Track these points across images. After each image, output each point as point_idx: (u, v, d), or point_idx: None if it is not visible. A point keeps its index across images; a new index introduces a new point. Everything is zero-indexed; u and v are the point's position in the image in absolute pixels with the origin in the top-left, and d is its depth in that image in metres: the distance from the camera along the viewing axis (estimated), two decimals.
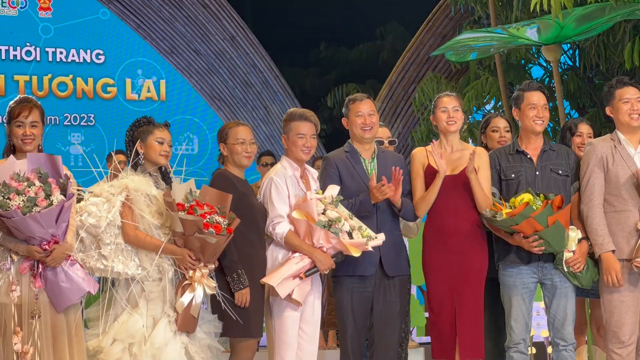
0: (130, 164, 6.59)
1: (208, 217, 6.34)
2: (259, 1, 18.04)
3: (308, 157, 6.99)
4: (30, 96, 6.73)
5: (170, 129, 7.09)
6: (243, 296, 6.55)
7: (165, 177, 6.64)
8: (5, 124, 6.47)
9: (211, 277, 6.47)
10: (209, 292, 6.36)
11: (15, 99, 6.54)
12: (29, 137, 6.27)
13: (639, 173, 6.85)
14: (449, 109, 7.12)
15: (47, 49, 16.71)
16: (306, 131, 6.90)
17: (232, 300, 6.55)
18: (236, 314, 6.52)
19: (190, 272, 6.28)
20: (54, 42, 16.81)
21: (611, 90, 7.12)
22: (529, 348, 7.61)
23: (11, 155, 6.21)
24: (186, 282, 6.29)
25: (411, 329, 9.12)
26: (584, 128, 7.79)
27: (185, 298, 6.24)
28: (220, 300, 6.50)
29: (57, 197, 5.98)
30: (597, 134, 7.67)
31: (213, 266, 6.44)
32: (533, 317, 7.52)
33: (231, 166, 6.93)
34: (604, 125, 7.18)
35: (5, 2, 16.45)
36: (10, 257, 6.07)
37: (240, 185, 6.84)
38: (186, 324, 6.26)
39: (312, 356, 6.93)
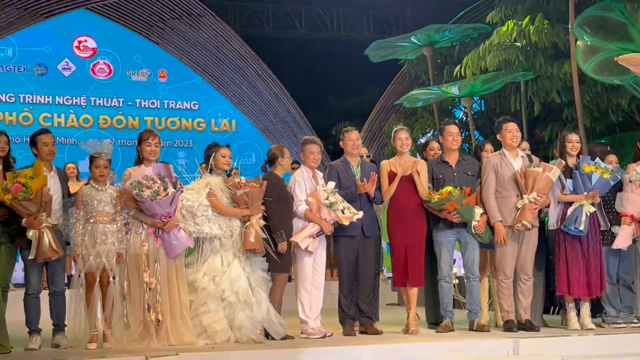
0: (208, 170, 6.82)
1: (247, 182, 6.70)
2: (290, 72, 18.17)
3: (316, 166, 7.13)
4: (152, 129, 7.04)
5: (237, 149, 7.48)
6: (283, 246, 6.73)
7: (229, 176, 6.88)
8: (137, 145, 6.69)
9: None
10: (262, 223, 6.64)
11: (144, 130, 6.82)
12: (154, 152, 6.55)
13: (517, 173, 7.10)
14: (402, 139, 7.30)
15: (164, 101, 16.90)
16: (314, 150, 7.11)
17: (274, 249, 6.74)
18: (277, 257, 6.76)
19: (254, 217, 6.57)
20: (168, 96, 17.01)
21: (499, 124, 7.37)
22: (454, 279, 7.84)
23: (142, 164, 6.54)
24: (247, 224, 6.59)
25: (382, 269, 9.30)
26: (489, 147, 7.83)
27: (254, 234, 6.54)
28: (269, 250, 6.71)
29: (170, 190, 6.25)
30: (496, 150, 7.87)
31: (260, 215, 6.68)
32: (457, 261, 7.84)
33: (278, 170, 7.08)
34: (500, 147, 7.45)
35: (138, 72, 16.73)
36: (142, 225, 6.40)
37: (282, 182, 7.07)
38: (258, 245, 6.57)
39: (320, 284, 7.08)
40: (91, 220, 6.36)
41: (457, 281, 7.87)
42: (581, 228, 7.14)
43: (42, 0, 16.05)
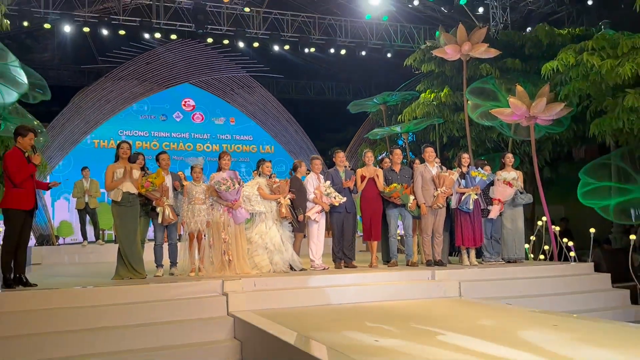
0: (258, 174, 6.84)
1: (278, 181, 6.68)
2: (305, 118, 18.22)
3: (319, 172, 7.02)
4: (227, 151, 7.04)
5: (274, 163, 7.50)
6: (301, 217, 6.73)
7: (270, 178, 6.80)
8: (218, 160, 6.63)
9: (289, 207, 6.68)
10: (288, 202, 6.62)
11: (222, 151, 6.72)
12: (228, 164, 6.48)
13: (434, 176, 7.06)
14: (368, 156, 7.25)
15: (233, 135, 16.75)
16: (318, 163, 7.04)
17: (296, 219, 6.73)
18: (297, 223, 6.77)
19: (282, 199, 6.56)
20: (236, 132, 16.81)
21: (424, 148, 7.28)
22: (398, 236, 7.83)
23: (220, 171, 6.49)
24: (280, 204, 6.55)
25: (357, 230, 9.29)
26: (417, 161, 7.68)
27: (285, 206, 6.53)
28: (293, 219, 6.72)
29: (236, 186, 6.23)
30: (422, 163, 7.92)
31: (289, 197, 6.64)
32: (399, 226, 7.83)
33: (299, 174, 7.01)
34: (424, 161, 7.45)
35: (218, 118, 16.65)
36: (220, 206, 6.35)
37: (301, 181, 6.93)
38: (287, 214, 6.53)
39: (322, 239, 7.02)
40: (191, 203, 6.38)
41: (400, 237, 7.82)
42: (470, 207, 7.16)
43: (164, 77, 16.19)
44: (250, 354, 4.73)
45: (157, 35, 14.10)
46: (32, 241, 12.23)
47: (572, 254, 7.67)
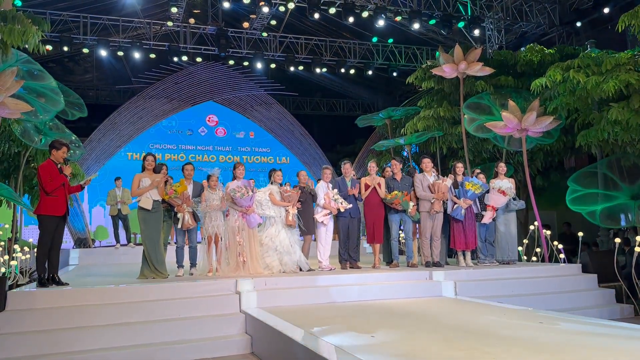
0: (270, 182, 6.78)
1: (290, 190, 6.61)
2: (318, 132, 18.21)
3: (328, 181, 6.93)
4: (242, 162, 7.01)
5: (290, 172, 7.47)
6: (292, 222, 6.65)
7: (282, 186, 6.80)
8: (233, 170, 6.60)
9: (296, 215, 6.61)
10: (295, 212, 6.55)
11: (237, 162, 6.67)
12: (242, 174, 6.44)
13: (430, 185, 7.01)
14: (372, 166, 7.21)
15: (252, 147, 16.80)
16: (328, 172, 7.00)
17: (303, 223, 6.70)
18: (305, 227, 6.75)
19: (290, 208, 6.49)
20: (255, 145, 16.87)
21: (421, 158, 7.23)
22: (399, 241, 7.72)
23: (235, 180, 6.46)
24: (287, 212, 6.49)
25: (362, 234, 9.22)
26: (416, 173, 7.78)
27: (291, 215, 6.49)
28: (300, 224, 6.76)
29: (250, 193, 6.19)
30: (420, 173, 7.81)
31: (296, 208, 6.57)
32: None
33: (301, 182, 7.00)
34: (422, 171, 7.34)
35: (239, 133, 16.65)
36: (235, 211, 6.30)
37: (308, 187, 6.97)
38: (292, 222, 6.45)
39: (329, 241, 6.94)
40: (209, 209, 6.35)
41: (402, 240, 7.72)
42: (461, 217, 7.09)
43: (190, 96, 16.32)
44: (259, 348, 4.68)
45: (184, 58, 14.25)
46: (71, 244, 12.34)
47: (562, 255, 7.51)
